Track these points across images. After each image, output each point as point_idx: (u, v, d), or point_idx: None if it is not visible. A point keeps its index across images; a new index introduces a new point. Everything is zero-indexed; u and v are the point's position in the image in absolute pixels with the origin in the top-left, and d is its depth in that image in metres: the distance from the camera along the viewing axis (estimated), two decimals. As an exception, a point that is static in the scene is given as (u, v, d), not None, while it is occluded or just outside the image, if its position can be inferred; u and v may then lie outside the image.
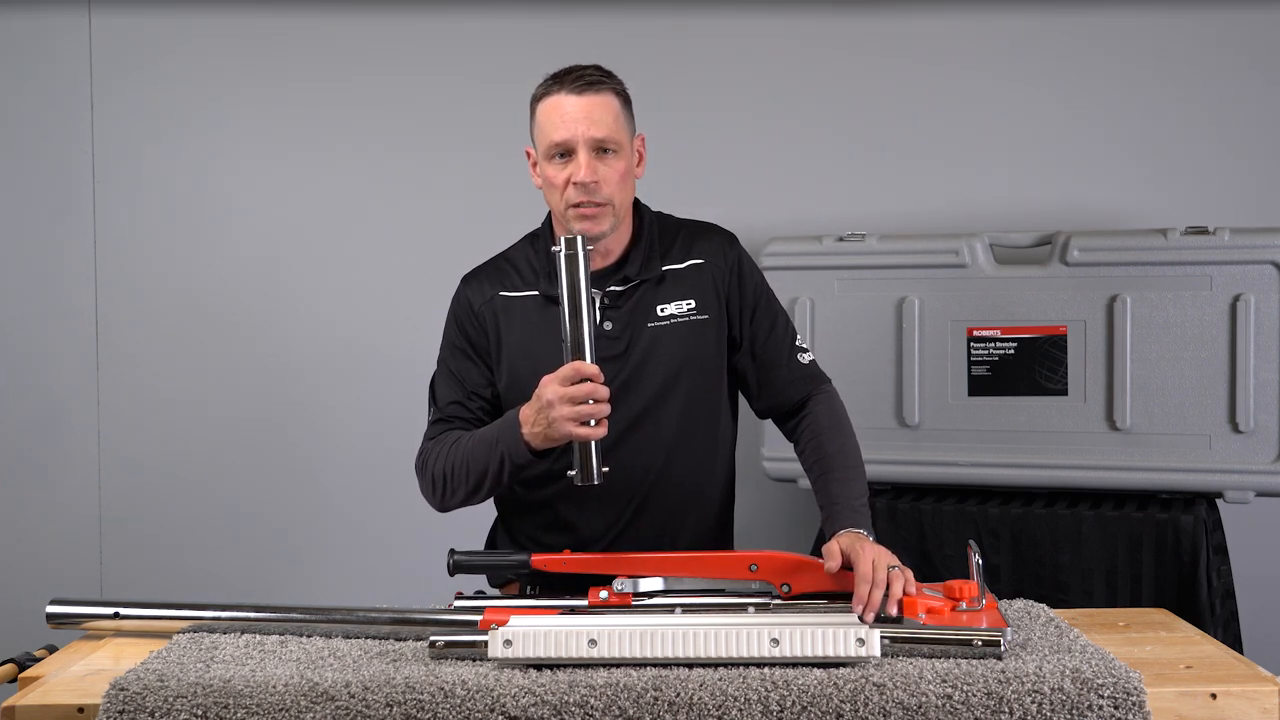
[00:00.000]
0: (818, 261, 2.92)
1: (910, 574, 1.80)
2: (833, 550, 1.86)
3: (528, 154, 2.15)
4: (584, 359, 1.93)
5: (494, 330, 2.16)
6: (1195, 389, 2.70)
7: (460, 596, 1.88)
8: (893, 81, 3.25)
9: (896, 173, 3.24)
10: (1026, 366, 2.80)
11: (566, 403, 1.90)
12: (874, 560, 1.78)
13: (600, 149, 2.04)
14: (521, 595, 1.98)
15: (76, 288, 3.38)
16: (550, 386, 1.92)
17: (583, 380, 1.91)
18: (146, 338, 3.39)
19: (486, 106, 3.32)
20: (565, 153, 2.04)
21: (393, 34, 3.34)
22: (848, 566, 1.84)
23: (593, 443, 1.93)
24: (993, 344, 2.82)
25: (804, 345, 2.22)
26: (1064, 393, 2.77)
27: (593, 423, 1.92)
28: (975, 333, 2.84)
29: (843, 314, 2.92)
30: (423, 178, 3.36)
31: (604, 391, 1.92)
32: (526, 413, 1.98)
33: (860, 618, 1.73)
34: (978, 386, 2.84)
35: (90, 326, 3.39)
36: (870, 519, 2.00)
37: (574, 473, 1.95)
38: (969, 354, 2.84)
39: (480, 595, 1.93)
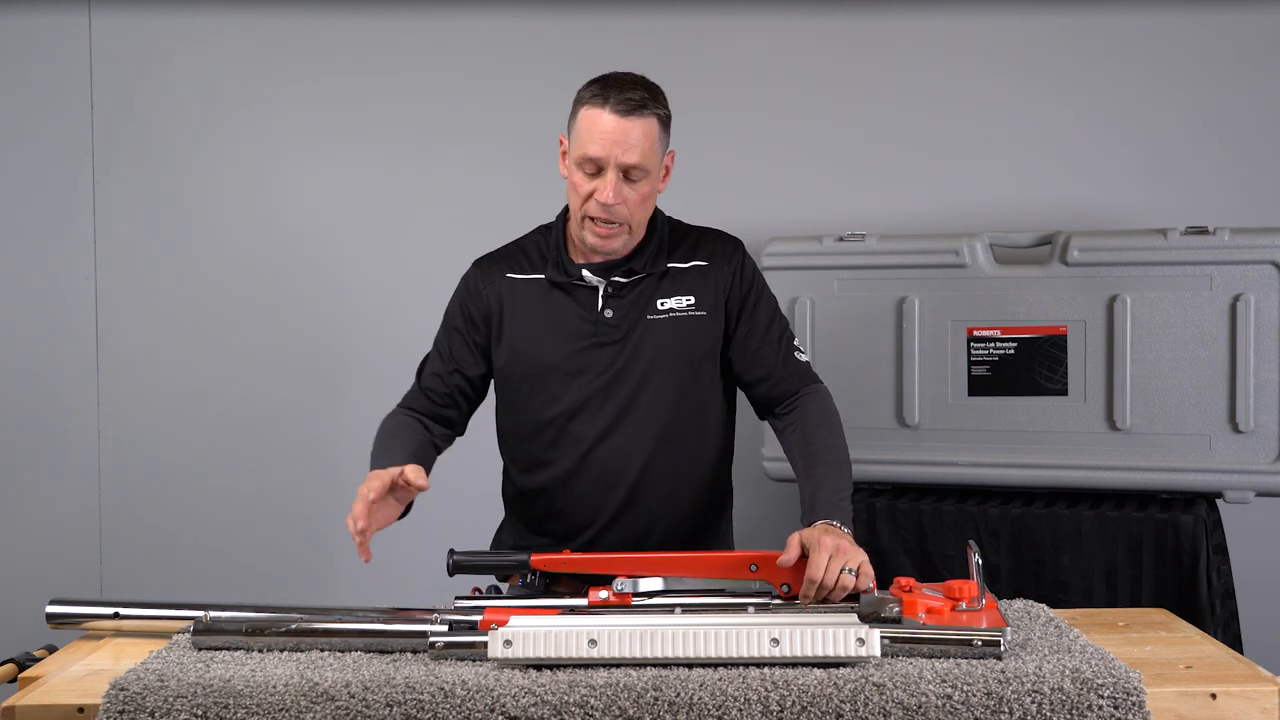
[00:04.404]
0: (818, 261, 2.92)
1: (868, 573, 1.82)
2: (792, 542, 1.87)
3: (561, 141, 2.19)
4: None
5: (496, 311, 2.22)
6: (1195, 389, 2.70)
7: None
8: (893, 81, 3.25)
9: (896, 173, 3.25)
10: (1026, 366, 2.80)
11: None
12: (829, 558, 1.81)
13: (628, 173, 2.09)
14: (524, 584, 1.98)
15: (76, 288, 3.38)
16: (370, 484, 2.02)
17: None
18: (146, 338, 3.39)
19: (485, 103, 3.33)
20: (595, 169, 2.08)
21: (393, 33, 3.34)
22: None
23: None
24: (993, 344, 2.82)
25: (800, 348, 2.26)
26: (1064, 393, 2.77)
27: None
28: (975, 333, 2.84)
29: (843, 314, 2.92)
30: (423, 176, 3.37)
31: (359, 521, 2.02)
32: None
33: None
34: (978, 386, 2.84)
35: (90, 326, 3.39)
36: (849, 512, 2.00)
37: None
38: (969, 354, 2.84)
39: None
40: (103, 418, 3.40)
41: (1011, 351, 2.81)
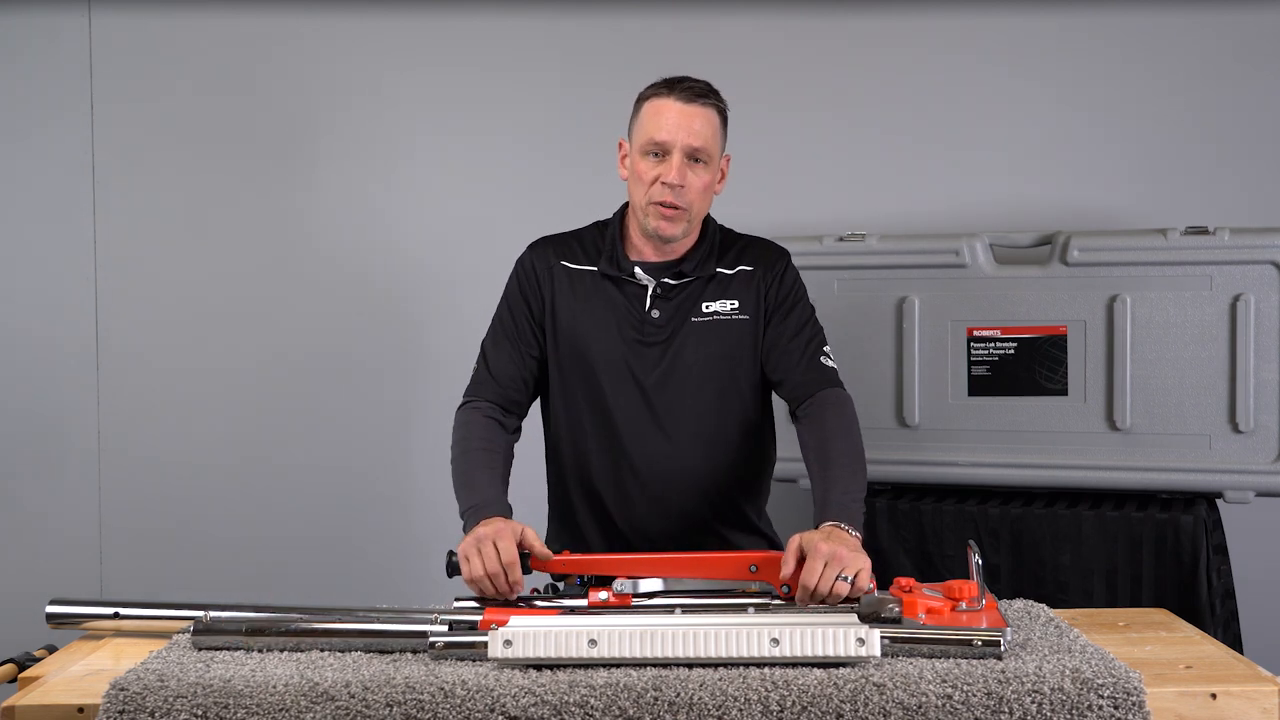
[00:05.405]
0: (818, 261, 2.92)
1: (864, 578, 1.81)
2: (790, 549, 1.87)
3: (620, 145, 2.24)
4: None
5: (550, 294, 2.25)
6: (1195, 389, 2.70)
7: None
8: (893, 81, 3.25)
9: (896, 173, 3.25)
10: (1026, 366, 2.80)
11: (481, 571, 1.88)
12: (824, 565, 1.81)
13: (693, 157, 2.15)
14: (580, 584, 1.97)
15: (76, 288, 3.38)
16: (488, 549, 1.88)
17: (500, 570, 1.87)
18: (146, 338, 3.39)
19: (482, 99, 3.33)
20: (660, 152, 2.14)
21: (395, 33, 3.35)
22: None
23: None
24: (993, 344, 2.82)
25: (830, 355, 2.26)
26: (1064, 393, 2.78)
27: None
28: (975, 333, 2.84)
29: (843, 314, 2.91)
30: (426, 174, 3.37)
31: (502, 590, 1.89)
32: (469, 538, 1.93)
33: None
34: (978, 386, 2.84)
35: (90, 326, 3.39)
36: (859, 514, 2.00)
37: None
38: (969, 354, 2.84)
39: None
40: (103, 418, 3.40)
41: (1011, 351, 2.81)
